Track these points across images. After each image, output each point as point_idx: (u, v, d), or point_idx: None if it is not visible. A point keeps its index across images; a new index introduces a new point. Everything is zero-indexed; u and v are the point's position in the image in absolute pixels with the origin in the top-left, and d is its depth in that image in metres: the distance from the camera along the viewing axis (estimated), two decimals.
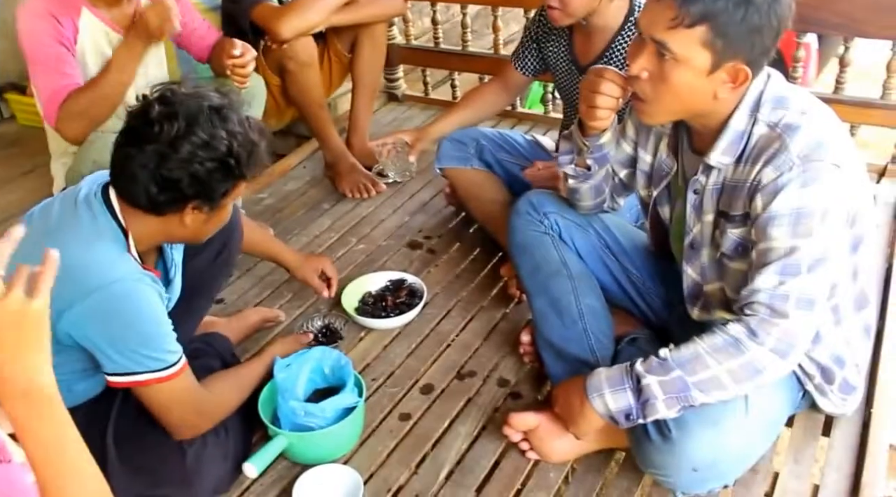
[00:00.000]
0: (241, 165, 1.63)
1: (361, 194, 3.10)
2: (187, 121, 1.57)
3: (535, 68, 2.65)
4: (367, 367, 2.23)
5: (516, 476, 1.87)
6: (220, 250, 2.10)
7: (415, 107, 3.84)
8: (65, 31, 2.30)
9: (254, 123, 1.68)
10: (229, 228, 2.02)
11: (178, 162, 1.57)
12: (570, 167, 1.90)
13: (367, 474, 1.89)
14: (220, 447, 1.85)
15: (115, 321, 1.61)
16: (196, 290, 2.05)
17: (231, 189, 1.67)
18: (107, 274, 1.60)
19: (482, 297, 2.50)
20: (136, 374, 1.65)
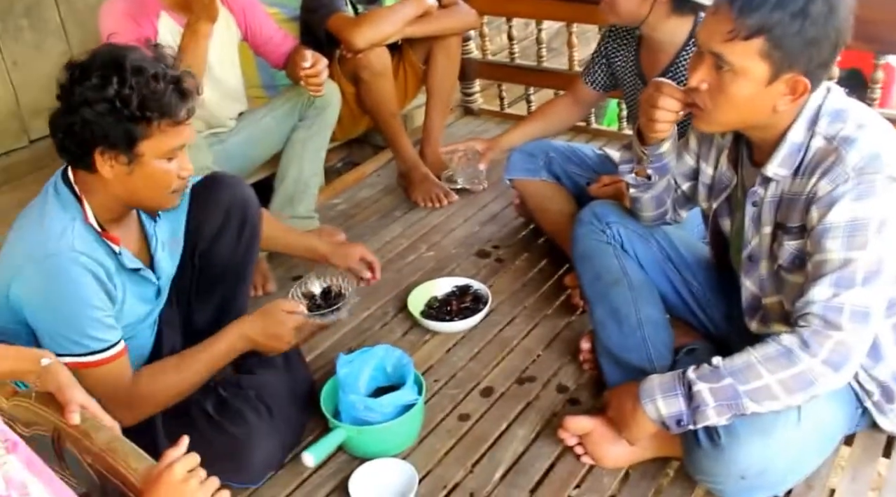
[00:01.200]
0: (130, 107, 1.63)
1: (433, 204, 3.18)
2: (82, 68, 1.66)
3: (604, 83, 2.69)
4: (430, 369, 2.30)
5: (570, 479, 1.91)
6: (242, 224, 2.14)
7: (490, 121, 3.91)
8: (144, 33, 2.39)
9: (161, 72, 1.67)
10: (243, 202, 2.13)
11: (72, 106, 1.65)
12: (631, 176, 1.94)
13: (424, 471, 1.95)
14: (265, 425, 1.93)
15: (42, 298, 1.68)
16: (234, 270, 2.15)
17: (138, 135, 1.66)
18: (42, 248, 1.68)
19: (547, 305, 2.55)
20: (61, 356, 1.63)
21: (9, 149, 3.74)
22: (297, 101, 2.79)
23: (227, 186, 2.15)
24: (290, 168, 2.84)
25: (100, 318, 1.72)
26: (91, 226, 1.74)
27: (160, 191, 1.76)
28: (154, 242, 1.93)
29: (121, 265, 1.80)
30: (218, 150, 2.72)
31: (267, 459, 1.95)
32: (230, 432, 1.90)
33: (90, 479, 1.33)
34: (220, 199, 2.12)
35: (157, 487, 1.19)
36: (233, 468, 1.90)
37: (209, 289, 2.16)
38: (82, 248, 1.70)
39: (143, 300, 1.90)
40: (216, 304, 2.16)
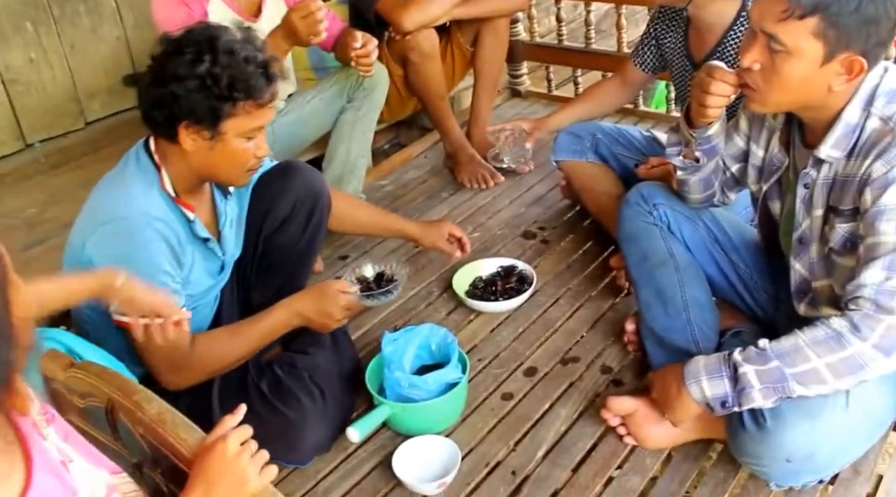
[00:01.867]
0: (219, 86, 1.68)
1: (480, 185, 3.16)
2: (177, 43, 1.70)
3: (653, 65, 2.65)
4: (474, 348, 2.30)
5: (612, 459, 1.90)
6: (310, 216, 2.17)
7: (537, 103, 3.87)
8: (195, 17, 2.43)
9: (251, 55, 1.72)
10: (314, 194, 2.15)
11: (164, 79, 1.69)
12: (679, 159, 1.91)
13: (467, 449, 1.95)
14: (318, 409, 1.95)
15: (113, 257, 1.71)
16: (295, 258, 2.17)
17: (223, 113, 1.71)
18: (118, 210, 1.74)
19: (591, 287, 2.53)
20: (126, 315, 1.69)
21: (66, 130, 3.82)
22: (346, 83, 2.78)
23: (301, 176, 2.18)
24: (339, 149, 2.84)
25: (167, 282, 1.77)
26: (166, 192, 1.80)
27: (237, 168, 1.82)
28: (223, 219, 1.98)
29: (192, 233, 1.85)
30: (267, 130, 2.67)
31: (317, 442, 1.97)
32: (284, 414, 1.91)
33: (141, 450, 1.35)
34: (291, 187, 2.15)
35: (210, 457, 1.20)
36: (284, 448, 1.91)
37: (269, 273, 2.19)
38: (157, 214, 1.76)
39: (208, 273, 1.95)
40: (274, 290, 2.18)
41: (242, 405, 1.31)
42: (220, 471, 1.19)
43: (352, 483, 1.91)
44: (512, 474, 1.88)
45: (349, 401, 2.09)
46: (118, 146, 3.56)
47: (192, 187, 1.86)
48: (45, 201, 3.20)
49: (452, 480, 1.85)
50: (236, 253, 2.07)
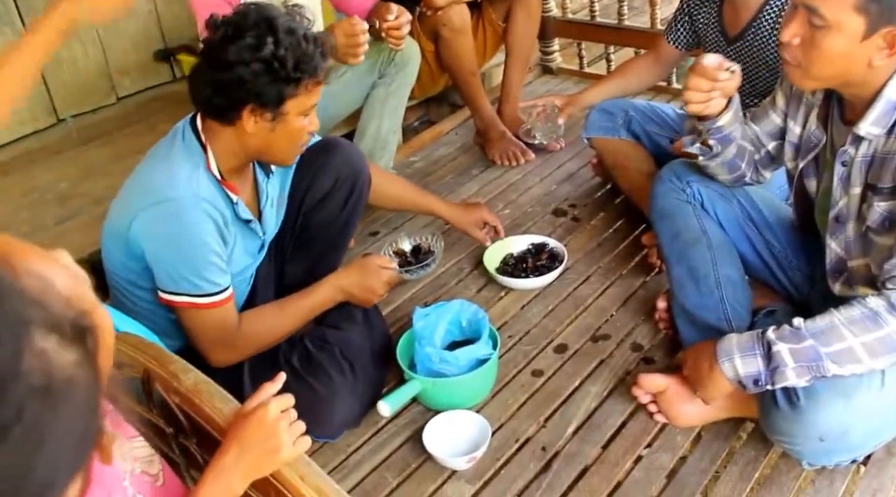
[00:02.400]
0: (286, 68, 1.69)
1: (510, 162, 3.15)
2: (235, 26, 1.69)
3: (687, 42, 2.63)
4: (504, 325, 2.30)
5: (643, 437, 1.90)
6: (349, 194, 2.18)
7: (569, 80, 3.85)
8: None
9: (308, 33, 1.74)
10: (354, 172, 2.15)
11: (226, 64, 1.69)
12: (695, 147, 1.90)
13: (497, 424, 1.96)
14: (348, 383, 1.97)
15: (164, 236, 1.75)
16: (331, 235, 2.18)
17: (287, 95, 1.73)
18: (167, 190, 1.74)
19: (622, 265, 2.52)
20: (175, 294, 1.77)
21: (98, 106, 3.85)
22: (378, 58, 2.78)
23: (342, 153, 2.19)
24: (370, 125, 2.84)
25: (216, 262, 1.79)
26: (213, 174, 1.81)
27: (294, 146, 1.86)
28: (264, 198, 1.99)
29: (235, 215, 1.87)
30: None
31: (347, 417, 1.98)
32: (314, 388, 1.93)
33: (177, 420, 1.36)
34: (333, 164, 2.16)
35: (249, 421, 1.22)
36: (314, 423, 1.89)
37: (305, 249, 2.20)
38: (206, 195, 1.77)
39: (248, 253, 1.97)
40: (308, 265, 2.20)
41: (282, 373, 1.33)
42: (256, 435, 1.21)
43: (382, 457, 1.93)
44: (542, 450, 1.89)
45: (379, 376, 2.10)
46: (149, 121, 3.65)
47: (237, 168, 1.87)
48: (77, 176, 3.23)
49: (482, 455, 1.86)
50: (276, 230, 2.08)
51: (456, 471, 1.86)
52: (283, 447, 1.21)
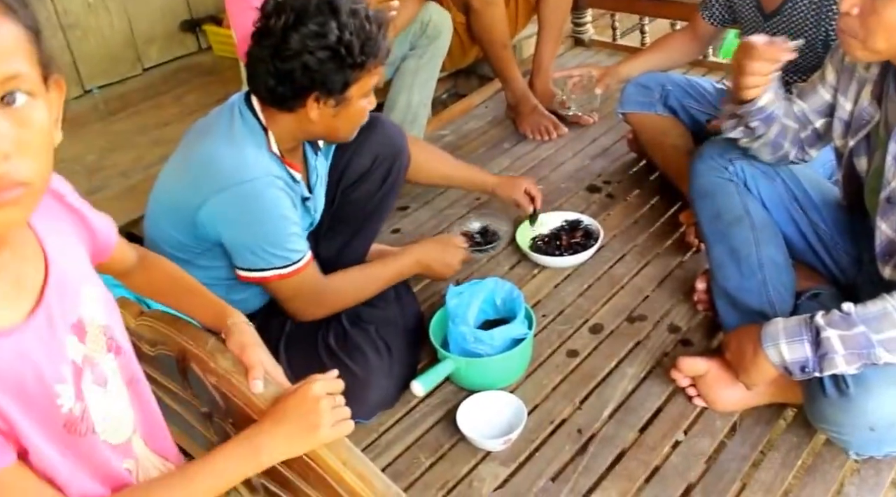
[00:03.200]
0: (353, 54, 1.66)
1: (542, 136, 3.10)
2: (297, 13, 1.64)
3: (722, 18, 2.56)
4: (538, 304, 2.27)
5: (681, 421, 1.87)
6: (387, 174, 2.16)
7: (601, 52, 3.78)
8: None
9: (370, 14, 1.70)
10: (394, 152, 2.13)
11: (290, 53, 1.64)
12: (737, 131, 1.85)
13: (532, 405, 1.94)
14: (384, 364, 1.95)
15: (244, 219, 1.73)
16: (366, 214, 2.16)
17: (352, 80, 1.70)
18: (241, 173, 1.71)
19: (659, 243, 2.47)
20: (263, 270, 1.78)
21: (124, 76, 3.82)
22: (409, 30, 2.74)
23: (383, 131, 2.16)
24: (400, 97, 2.80)
25: (296, 231, 1.81)
26: (275, 154, 1.79)
27: (355, 127, 1.85)
28: (314, 176, 1.97)
29: (299, 194, 1.87)
30: None
31: (382, 398, 1.96)
32: (350, 369, 1.90)
33: (212, 400, 1.35)
34: (372, 142, 2.13)
35: (291, 396, 1.19)
36: (349, 403, 1.91)
37: (339, 226, 2.18)
38: (277, 173, 1.77)
39: (299, 226, 1.93)
40: (341, 244, 2.18)
41: (334, 371, 1.28)
42: (296, 409, 1.17)
43: (415, 437, 1.91)
44: (578, 432, 1.87)
45: (413, 356, 2.08)
46: (175, 92, 3.62)
47: (293, 148, 1.86)
48: (103, 148, 3.21)
49: (517, 437, 1.84)
50: (322, 208, 2.07)
51: (490, 452, 1.84)
52: (321, 426, 1.16)
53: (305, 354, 1.93)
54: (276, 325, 1.98)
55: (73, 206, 1.09)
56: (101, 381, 1.05)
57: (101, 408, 1.04)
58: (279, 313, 1.96)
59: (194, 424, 1.55)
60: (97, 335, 1.05)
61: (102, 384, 1.05)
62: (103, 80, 3.73)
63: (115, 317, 1.12)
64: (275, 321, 1.98)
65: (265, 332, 1.88)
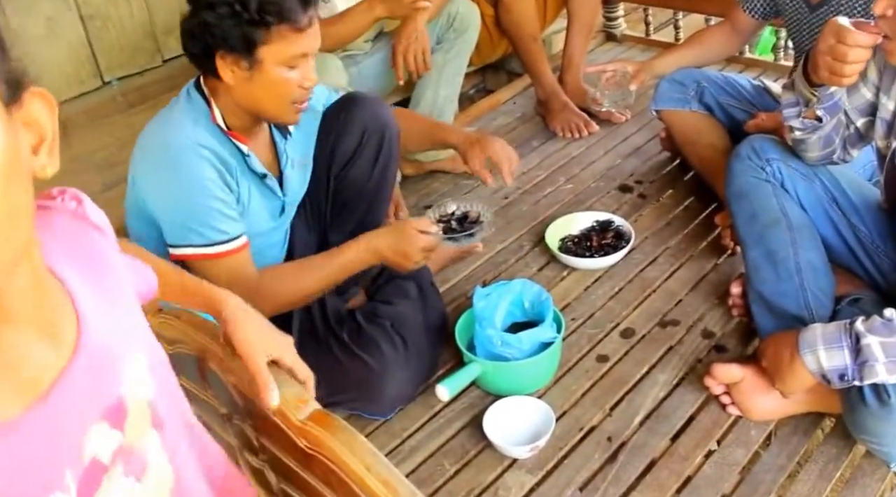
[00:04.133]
0: (248, 9, 1.67)
1: (573, 134, 3.09)
2: None
3: (763, 10, 2.54)
4: (567, 307, 2.26)
5: (714, 429, 1.86)
6: (379, 147, 2.15)
7: (634, 48, 3.76)
8: None
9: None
10: (381, 124, 2.13)
11: (195, 10, 1.71)
12: (798, 120, 1.82)
13: (560, 411, 1.93)
14: (400, 358, 1.96)
15: (162, 185, 1.76)
16: (368, 193, 2.17)
17: (257, 39, 1.70)
18: (164, 139, 1.76)
19: (692, 245, 2.46)
20: (182, 247, 1.76)
21: (143, 68, 3.84)
22: (436, 23, 2.74)
23: (365, 106, 2.15)
24: (426, 92, 2.80)
25: (220, 209, 1.77)
26: (218, 126, 1.81)
27: (280, 100, 1.80)
28: (284, 159, 1.98)
29: (248, 167, 1.86)
30: (353, 72, 2.71)
31: (398, 391, 1.97)
32: (364, 361, 1.92)
33: (231, 400, 1.35)
34: (357, 118, 2.12)
35: None
36: (364, 397, 1.94)
37: (344, 212, 2.19)
38: (205, 143, 1.77)
39: (269, 213, 1.96)
40: (349, 230, 2.17)
41: None
42: None
43: (439, 442, 1.91)
44: (607, 440, 1.86)
45: (433, 354, 2.09)
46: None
47: (245, 125, 1.86)
48: (123, 140, 3.22)
49: (545, 444, 1.84)
50: (300, 193, 2.07)
51: (517, 459, 1.84)
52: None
53: (317, 352, 1.90)
54: (282, 324, 1.98)
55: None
56: (139, 470, 0.83)
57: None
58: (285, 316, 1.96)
59: (212, 425, 1.56)
60: (141, 413, 0.84)
61: (139, 475, 0.83)
62: (123, 71, 3.75)
63: (166, 378, 0.96)
64: (281, 320, 1.98)
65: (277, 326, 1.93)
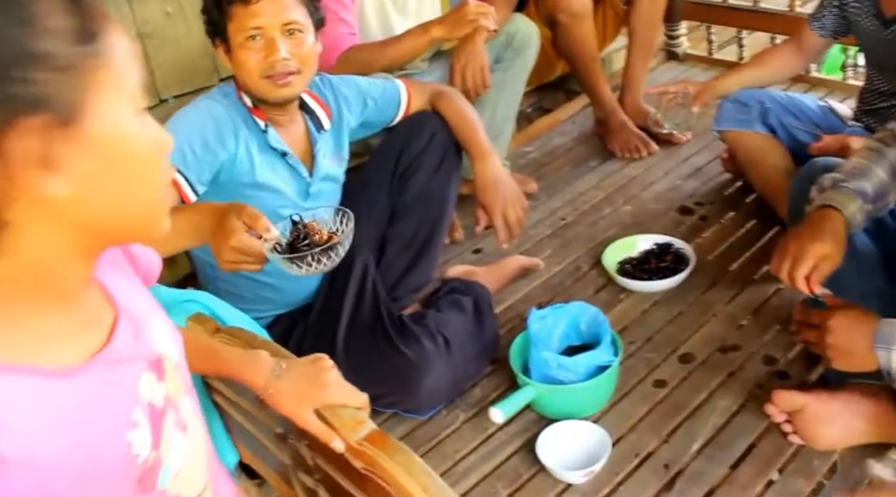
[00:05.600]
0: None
1: (632, 154, 3.11)
2: None
3: (834, 29, 2.53)
4: (625, 330, 2.27)
5: (775, 458, 1.84)
6: (443, 157, 2.30)
7: (696, 67, 3.77)
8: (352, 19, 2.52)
9: None
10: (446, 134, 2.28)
11: None
12: None
13: (615, 437, 1.94)
14: (440, 354, 2.02)
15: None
16: (426, 200, 2.30)
17: (222, 23, 1.92)
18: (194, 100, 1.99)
19: (754, 269, 2.45)
20: None
21: (200, 86, 3.92)
22: (494, 42, 2.77)
23: (436, 118, 2.30)
24: (484, 112, 2.82)
25: (183, 155, 1.87)
26: (243, 102, 1.99)
27: (250, 75, 1.93)
28: (317, 147, 2.10)
29: (266, 143, 2.00)
30: None
31: (436, 387, 2.02)
32: (404, 353, 2.00)
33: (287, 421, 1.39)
34: (426, 123, 2.28)
35: None
36: (403, 392, 2.02)
37: (405, 214, 2.31)
38: (224, 104, 1.97)
39: (293, 190, 2.08)
40: (407, 239, 2.31)
41: None
42: None
43: (492, 465, 1.93)
44: (664, 467, 1.86)
45: (476, 366, 2.15)
46: None
47: (271, 108, 2.01)
48: None
49: (600, 470, 1.85)
50: (331, 179, 2.18)
51: (571, 484, 1.85)
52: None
53: (362, 342, 2.04)
54: (332, 316, 2.10)
55: None
56: (182, 425, 0.97)
57: (180, 456, 0.95)
58: (335, 303, 2.08)
59: (267, 445, 1.60)
60: (175, 373, 0.98)
61: (183, 429, 0.97)
62: (179, 89, 3.84)
63: (183, 356, 1.05)
64: (331, 311, 2.10)
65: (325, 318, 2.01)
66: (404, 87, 2.32)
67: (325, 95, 2.17)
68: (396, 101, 2.30)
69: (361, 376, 1.95)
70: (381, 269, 2.27)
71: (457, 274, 2.44)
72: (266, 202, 1.99)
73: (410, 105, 2.32)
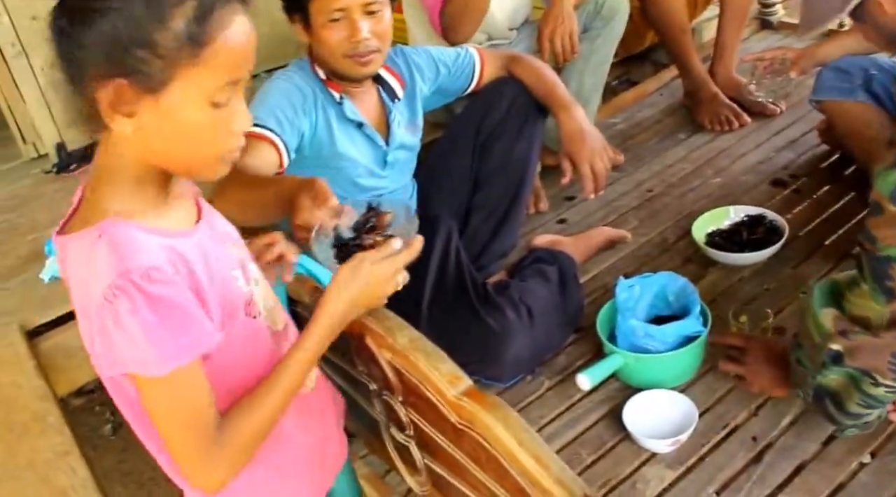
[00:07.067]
0: None
1: (722, 126, 3.07)
2: None
3: None
4: (713, 302, 2.23)
5: (870, 439, 1.81)
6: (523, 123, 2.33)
7: (791, 36, 3.67)
8: None
9: None
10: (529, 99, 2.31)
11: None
12: None
13: (702, 408, 1.94)
14: (522, 324, 2.05)
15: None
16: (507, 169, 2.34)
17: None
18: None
19: (851, 244, 2.40)
20: None
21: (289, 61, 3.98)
22: (583, 10, 2.76)
23: (516, 83, 2.31)
24: (570, 81, 2.83)
25: (280, 110, 1.96)
26: (317, 74, 2.06)
27: (332, 54, 2.00)
28: (392, 116, 2.15)
29: (342, 114, 2.05)
30: None
31: (518, 357, 2.05)
32: (487, 323, 2.03)
33: (382, 376, 1.43)
34: (506, 89, 2.31)
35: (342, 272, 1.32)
36: (484, 360, 2.04)
37: (488, 182, 2.34)
38: (301, 75, 2.06)
39: (370, 159, 2.14)
40: (490, 208, 2.36)
41: None
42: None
43: (576, 432, 1.95)
44: (752, 440, 1.86)
45: (559, 336, 2.18)
46: None
47: (349, 82, 2.07)
48: None
49: (686, 440, 1.85)
50: (406, 155, 2.23)
51: (655, 454, 1.86)
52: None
53: (446, 309, 2.06)
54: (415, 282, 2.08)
55: None
56: (255, 280, 1.27)
57: (261, 298, 1.27)
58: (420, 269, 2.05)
59: (359, 402, 1.64)
60: (241, 247, 1.30)
61: (256, 283, 1.27)
62: (271, 63, 3.90)
63: None
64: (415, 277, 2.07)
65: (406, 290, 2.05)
66: (478, 54, 2.34)
67: (397, 65, 2.21)
68: (470, 68, 2.32)
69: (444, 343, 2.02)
70: (467, 238, 2.31)
71: (543, 243, 2.45)
72: (346, 172, 2.08)
73: (484, 72, 2.34)
